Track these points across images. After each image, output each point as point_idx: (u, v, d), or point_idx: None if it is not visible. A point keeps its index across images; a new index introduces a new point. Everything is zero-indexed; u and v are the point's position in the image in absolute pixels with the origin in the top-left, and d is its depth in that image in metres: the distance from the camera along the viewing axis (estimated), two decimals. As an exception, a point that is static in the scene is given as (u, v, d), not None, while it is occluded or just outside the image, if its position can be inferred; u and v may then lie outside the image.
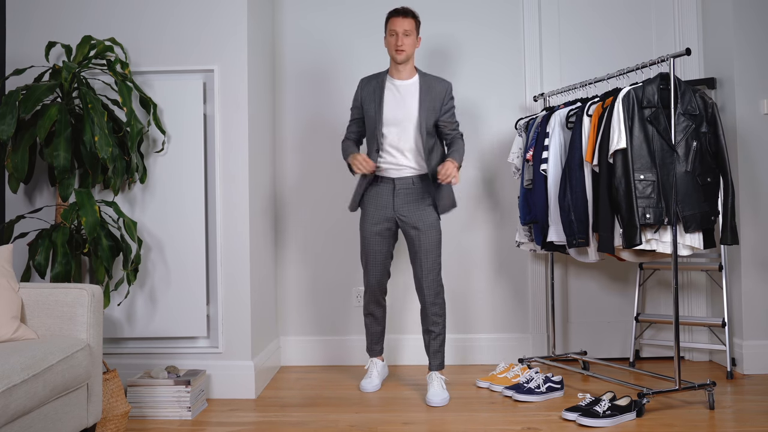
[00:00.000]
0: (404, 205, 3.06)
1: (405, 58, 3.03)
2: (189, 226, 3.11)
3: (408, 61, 3.06)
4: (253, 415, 2.86)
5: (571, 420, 2.69)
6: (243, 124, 3.16)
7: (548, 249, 3.30)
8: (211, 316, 3.15)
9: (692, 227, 2.80)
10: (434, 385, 3.03)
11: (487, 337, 3.75)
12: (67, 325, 2.34)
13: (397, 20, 3.01)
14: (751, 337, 3.41)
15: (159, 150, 3.11)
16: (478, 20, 3.81)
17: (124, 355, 3.10)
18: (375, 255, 3.14)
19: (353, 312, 3.77)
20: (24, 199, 3.13)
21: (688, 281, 3.73)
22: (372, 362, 3.32)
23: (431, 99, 3.03)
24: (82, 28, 3.14)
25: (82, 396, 2.30)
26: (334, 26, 3.82)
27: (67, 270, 2.66)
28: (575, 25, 3.81)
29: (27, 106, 2.65)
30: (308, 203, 3.81)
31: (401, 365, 3.71)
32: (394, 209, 3.07)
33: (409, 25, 3.01)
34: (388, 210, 3.08)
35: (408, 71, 3.08)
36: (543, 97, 3.65)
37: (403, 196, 3.06)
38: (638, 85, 2.85)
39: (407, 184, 3.06)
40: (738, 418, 2.70)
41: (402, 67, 3.07)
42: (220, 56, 3.15)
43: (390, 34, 3.04)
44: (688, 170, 2.82)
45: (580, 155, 3.00)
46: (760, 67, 3.44)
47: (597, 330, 3.77)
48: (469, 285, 3.77)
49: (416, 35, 3.07)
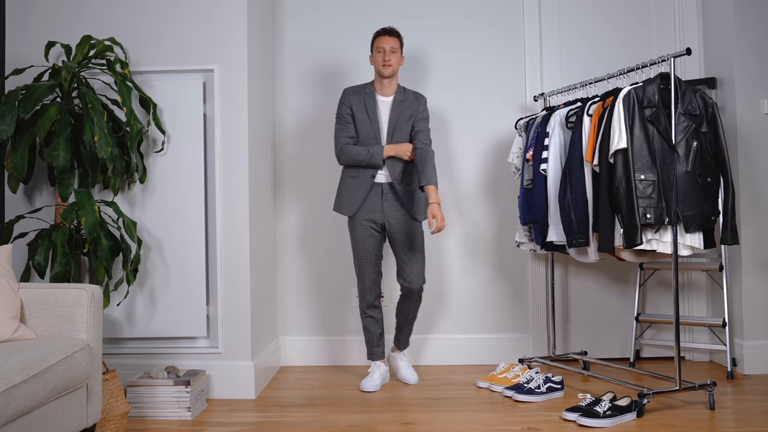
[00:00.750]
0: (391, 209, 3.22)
1: (391, 73, 3.21)
2: (189, 226, 3.11)
3: (393, 78, 3.25)
4: (253, 415, 2.86)
5: (571, 420, 2.69)
6: (243, 124, 3.16)
7: (548, 249, 3.30)
8: (211, 316, 3.15)
9: (692, 227, 2.80)
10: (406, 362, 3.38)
11: (487, 337, 3.75)
12: (66, 325, 2.34)
13: (384, 38, 3.21)
14: (751, 337, 3.40)
15: (159, 150, 3.11)
16: (479, 19, 3.80)
17: (123, 355, 3.10)
18: (368, 255, 3.22)
19: (353, 312, 3.76)
20: (24, 199, 3.12)
21: (689, 281, 3.73)
22: (376, 365, 3.33)
23: (401, 113, 3.22)
24: (81, 28, 3.13)
25: (82, 396, 2.30)
26: (334, 26, 3.82)
27: (66, 270, 2.65)
28: (575, 24, 3.81)
29: (27, 106, 2.65)
30: (308, 203, 3.80)
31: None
32: (383, 212, 3.21)
33: (395, 43, 3.21)
34: (377, 213, 3.21)
35: (392, 87, 3.26)
36: (543, 97, 3.65)
37: (391, 199, 3.22)
38: (639, 85, 2.85)
39: (392, 189, 3.22)
40: (738, 418, 2.70)
41: (387, 82, 3.25)
42: (220, 56, 3.15)
43: (377, 51, 3.22)
44: (689, 170, 2.82)
45: (580, 155, 3.00)
46: (760, 67, 3.44)
47: (597, 330, 3.77)
48: (469, 285, 3.77)
49: (400, 53, 3.26)
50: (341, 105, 3.27)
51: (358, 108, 3.22)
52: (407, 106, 3.23)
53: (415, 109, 3.24)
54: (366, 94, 3.24)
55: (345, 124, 3.25)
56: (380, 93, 3.25)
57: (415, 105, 3.25)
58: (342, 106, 3.26)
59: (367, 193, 3.21)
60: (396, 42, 3.21)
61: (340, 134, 3.24)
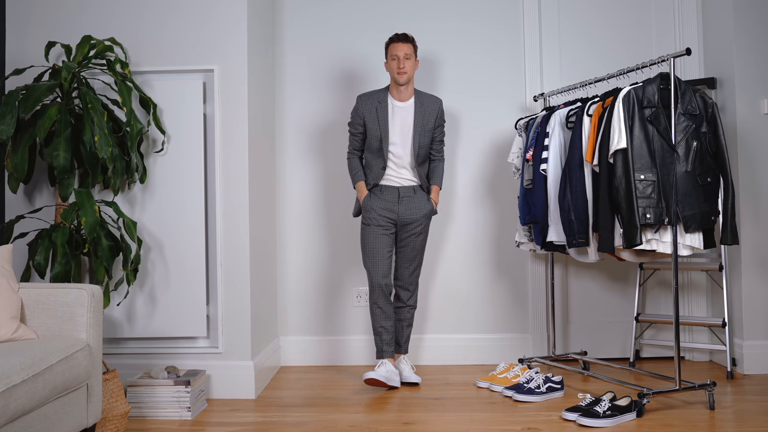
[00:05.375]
0: (407, 211, 3.25)
1: (407, 80, 3.22)
2: (189, 226, 3.11)
3: (409, 83, 3.26)
4: (253, 415, 2.86)
5: (571, 420, 2.69)
6: (243, 124, 3.16)
7: (548, 249, 3.30)
8: (211, 316, 3.15)
9: (692, 227, 2.80)
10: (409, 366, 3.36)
11: (487, 337, 3.75)
12: (66, 325, 2.34)
13: (398, 45, 3.21)
14: (751, 337, 3.40)
15: (159, 150, 3.11)
16: (478, 19, 3.80)
17: (124, 355, 3.10)
18: (379, 249, 3.21)
19: (353, 312, 3.76)
20: (24, 199, 3.12)
21: (689, 281, 3.73)
22: (382, 363, 3.20)
23: (425, 119, 3.26)
24: (82, 28, 3.13)
25: (82, 396, 2.30)
26: (334, 25, 3.82)
27: (66, 270, 2.65)
28: (575, 24, 3.81)
29: (27, 106, 2.65)
30: (308, 203, 3.81)
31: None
32: (398, 214, 3.23)
33: (408, 49, 3.22)
34: (392, 212, 3.23)
35: (408, 93, 3.28)
36: (543, 97, 3.65)
37: (406, 202, 3.25)
38: (638, 85, 2.85)
39: (410, 193, 3.27)
40: (738, 418, 2.70)
41: (403, 89, 3.26)
42: (220, 56, 3.15)
43: (392, 59, 3.23)
44: (689, 170, 2.82)
45: (580, 155, 3.00)
46: (760, 67, 3.44)
47: (597, 330, 3.77)
48: (469, 285, 3.77)
49: (415, 58, 3.26)
50: (354, 114, 3.31)
51: (369, 116, 3.25)
52: (429, 112, 3.27)
53: (436, 115, 3.29)
54: (379, 103, 3.25)
55: (354, 134, 3.33)
56: (397, 99, 3.26)
57: (435, 110, 3.29)
58: (354, 115, 3.30)
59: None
60: (410, 48, 3.21)
61: (350, 142, 3.37)
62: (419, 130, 3.23)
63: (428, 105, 3.27)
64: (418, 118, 3.24)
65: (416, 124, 3.23)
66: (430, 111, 3.27)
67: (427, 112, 3.26)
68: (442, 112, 3.32)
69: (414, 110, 3.25)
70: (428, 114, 3.26)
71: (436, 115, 3.28)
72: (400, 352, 3.39)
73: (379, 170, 3.26)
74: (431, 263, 3.70)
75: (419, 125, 3.23)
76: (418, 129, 3.23)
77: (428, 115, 3.26)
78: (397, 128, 3.24)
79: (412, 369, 3.35)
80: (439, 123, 3.32)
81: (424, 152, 3.27)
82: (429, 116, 3.26)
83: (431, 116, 3.27)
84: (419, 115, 3.24)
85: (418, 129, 3.23)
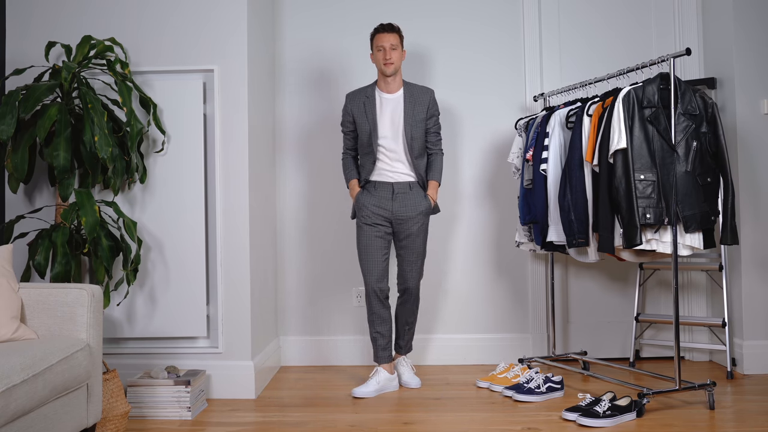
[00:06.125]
0: (401, 208, 3.17)
1: (394, 71, 3.16)
2: (189, 226, 3.11)
3: (396, 74, 3.20)
4: (253, 415, 2.86)
5: (571, 420, 2.69)
6: (243, 124, 3.16)
7: (548, 249, 3.30)
8: (211, 316, 3.15)
9: (692, 227, 2.80)
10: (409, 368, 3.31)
11: (487, 337, 3.75)
12: (67, 325, 2.34)
13: (384, 36, 3.15)
14: (751, 337, 3.40)
15: (159, 150, 3.11)
16: (478, 18, 3.80)
17: (124, 355, 3.10)
18: (373, 253, 3.17)
19: (353, 312, 3.77)
20: (24, 199, 3.13)
21: (688, 281, 3.73)
22: (376, 371, 3.20)
23: (416, 109, 3.19)
24: (82, 28, 3.13)
25: (82, 396, 2.30)
26: (334, 25, 3.82)
27: (66, 270, 2.66)
28: (575, 24, 3.81)
29: (27, 106, 2.65)
30: (308, 203, 3.81)
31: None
32: (392, 211, 3.17)
33: (394, 39, 3.15)
34: (385, 210, 3.17)
35: (396, 84, 3.22)
36: (543, 97, 3.65)
37: (401, 199, 3.18)
38: (638, 85, 2.85)
39: (405, 189, 3.19)
40: (738, 418, 2.70)
41: (391, 80, 3.20)
42: (220, 56, 3.15)
43: (377, 50, 3.17)
44: (688, 170, 2.82)
45: (580, 155, 3.00)
46: (760, 67, 3.44)
47: (597, 330, 3.77)
48: (469, 285, 3.77)
49: (401, 48, 3.20)
50: (343, 113, 3.28)
51: (358, 112, 3.21)
52: (419, 102, 3.18)
53: (427, 105, 3.20)
54: (366, 97, 3.21)
55: (346, 133, 3.31)
56: (385, 91, 3.21)
57: (426, 100, 3.20)
58: (344, 113, 3.28)
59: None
60: (395, 38, 3.15)
61: (343, 143, 3.36)
62: (410, 120, 3.15)
63: (418, 95, 3.19)
64: (408, 108, 3.16)
65: (406, 114, 3.15)
66: (421, 101, 3.18)
67: (418, 102, 3.18)
68: (434, 101, 3.23)
69: (404, 101, 3.17)
70: (419, 104, 3.18)
71: (427, 105, 3.19)
72: (400, 353, 3.36)
73: (370, 165, 3.19)
74: (431, 263, 3.70)
75: (410, 115, 3.15)
76: (409, 120, 3.15)
77: (419, 105, 3.17)
78: (387, 120, 3.17)
79: (412, 370, 3.32)
80: (432, 113, 3.22)
81: (418, 144, 3.17)
82: (420, 106, 3.17)
83: (422, 106, 3.18)
84: (409, 106, 3.16)
85: (408, 120, 3.14)
